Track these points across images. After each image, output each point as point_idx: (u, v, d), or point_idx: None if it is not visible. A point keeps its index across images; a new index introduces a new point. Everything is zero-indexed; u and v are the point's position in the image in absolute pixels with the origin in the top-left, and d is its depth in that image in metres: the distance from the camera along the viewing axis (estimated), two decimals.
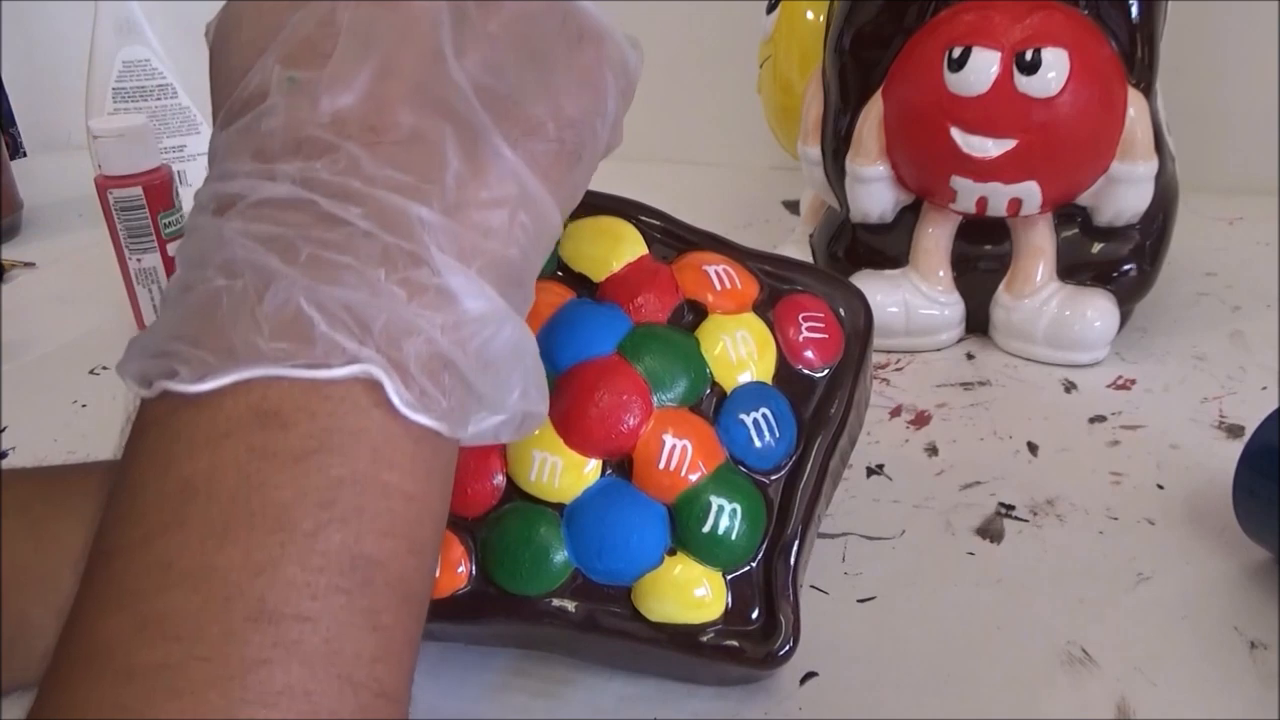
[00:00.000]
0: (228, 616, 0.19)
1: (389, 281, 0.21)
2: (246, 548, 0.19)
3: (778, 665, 0.30)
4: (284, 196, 0.22)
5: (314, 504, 0.20)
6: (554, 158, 0.25)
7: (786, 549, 0.31)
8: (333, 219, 0.21)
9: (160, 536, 0.20)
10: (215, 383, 0.20)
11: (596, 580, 0.31)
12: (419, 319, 0.22)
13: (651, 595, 0.30)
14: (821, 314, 0.34)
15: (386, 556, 0.21)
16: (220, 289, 0.21)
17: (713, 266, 0.33)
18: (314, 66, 0.23)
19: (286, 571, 0.19)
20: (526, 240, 0.24)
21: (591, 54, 0.26)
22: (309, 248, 0.21)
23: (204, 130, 0.77)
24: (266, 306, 0.21)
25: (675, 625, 0.30)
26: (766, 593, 0.31)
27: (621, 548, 0.30)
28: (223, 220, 0.22)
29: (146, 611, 0.19)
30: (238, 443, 0.20)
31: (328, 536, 0.20)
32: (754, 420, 0.31)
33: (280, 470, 0.20)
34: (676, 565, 0.30)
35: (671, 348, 0.32)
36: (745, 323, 0.33)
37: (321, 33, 0.23)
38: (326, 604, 0.20)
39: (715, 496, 0.30)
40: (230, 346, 0.20)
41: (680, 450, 0.30)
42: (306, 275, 0.21)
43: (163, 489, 0.20)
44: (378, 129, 0.22)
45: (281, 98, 0.22)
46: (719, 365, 0.32)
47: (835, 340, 0.34)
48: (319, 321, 0.21)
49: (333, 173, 0.22)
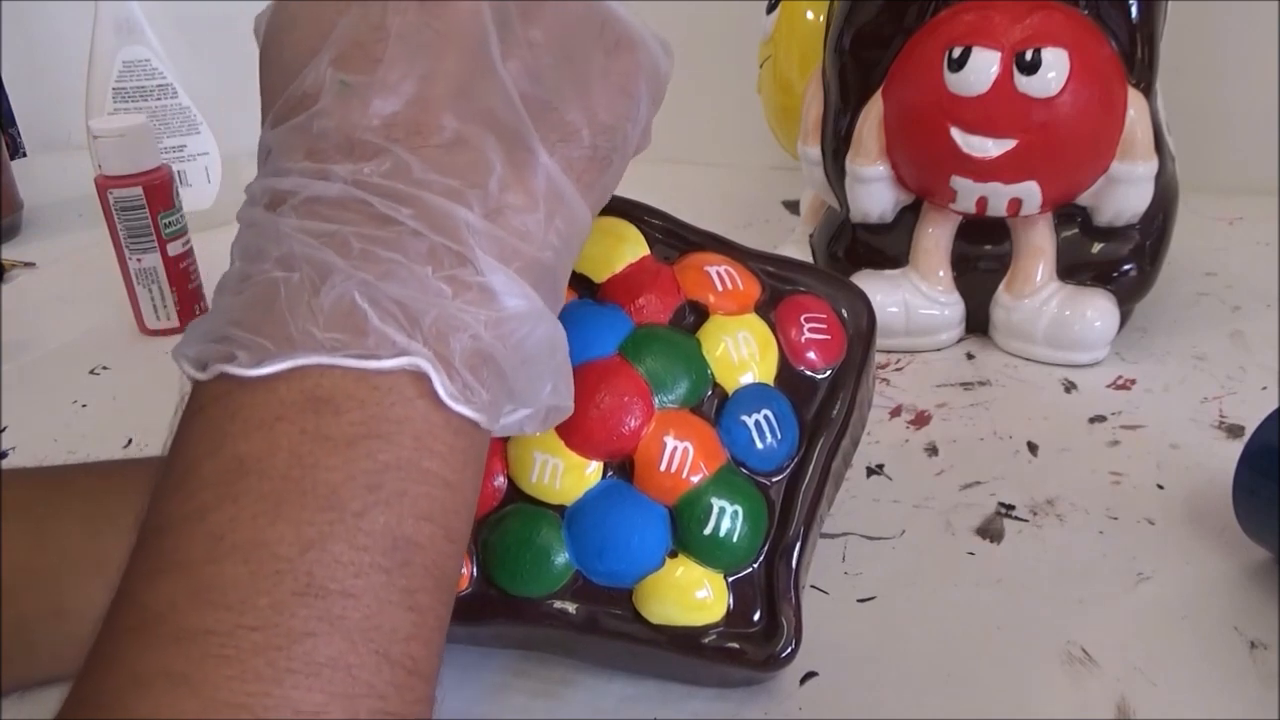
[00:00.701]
0: (277, 589, 0.20)
1: (436, 278, 0.22)
2: (297, 524, 0.20)
3: (779, 667, 0.30)
4: (337, 195, 0.23)
5: (362, 486, 0.21)
6: (588, 162, 0.26)
7: (788, 551, 0.31)
8: (384, 218, 0.22)
9: (213, 510, 0.21)
10: (272, 368, 0.21)
11: (597, 582, 0.31)
12: (464, 315, 0.23)
13: (652, 597, 0.30)
14: (824, 315, 0.34)
15: (425, 540, 0.22)
16: (278, 280, 0.22)
17: (714, 267, 0.33)
18: (365, 71, 0.23)
19: (334, 549, 0.20)
20: (560, 243, 0.25)
21: (627, 60, 0.27)
22: (361, 244, 0.22)
23: (204, 130, 0.77)
24: (323, 299, 0.22)
25: (676, 627, 0.30)
26: (768, 594, 0.30)
27: (622, 549, 0.30)
28: (277, 216, 0.23)
29: (198, 580, 0.20)
30: (291, 425, 0.21)
31: (373, 518, 0.21)
32: (756, 422, 0.31)
33: (331, 453, 0.21)
34: (678, 567, 0.30)
35: (673, 349, 0.32)
36: (747, 324, 0.33)
37: (372, 36, 0.24)
38: (369, 582, 0.21)
39: (717, 498, 0.30)
40: (288, 335, 0.22)
41: (682, 452, 0.30)
42: (360, 270, 0.22)
43: (216, 466, 0.21)
44: (425, 132, 0.23)
45: (333, 100, 0.23)
46: (721, 366, 0.32)
47: (838, 341, 0.33)
48: (372, 315, 0.22)
49: (383, 175, 0.23)
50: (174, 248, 0.59)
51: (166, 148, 0.76)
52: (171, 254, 0.59)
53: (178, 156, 0.76)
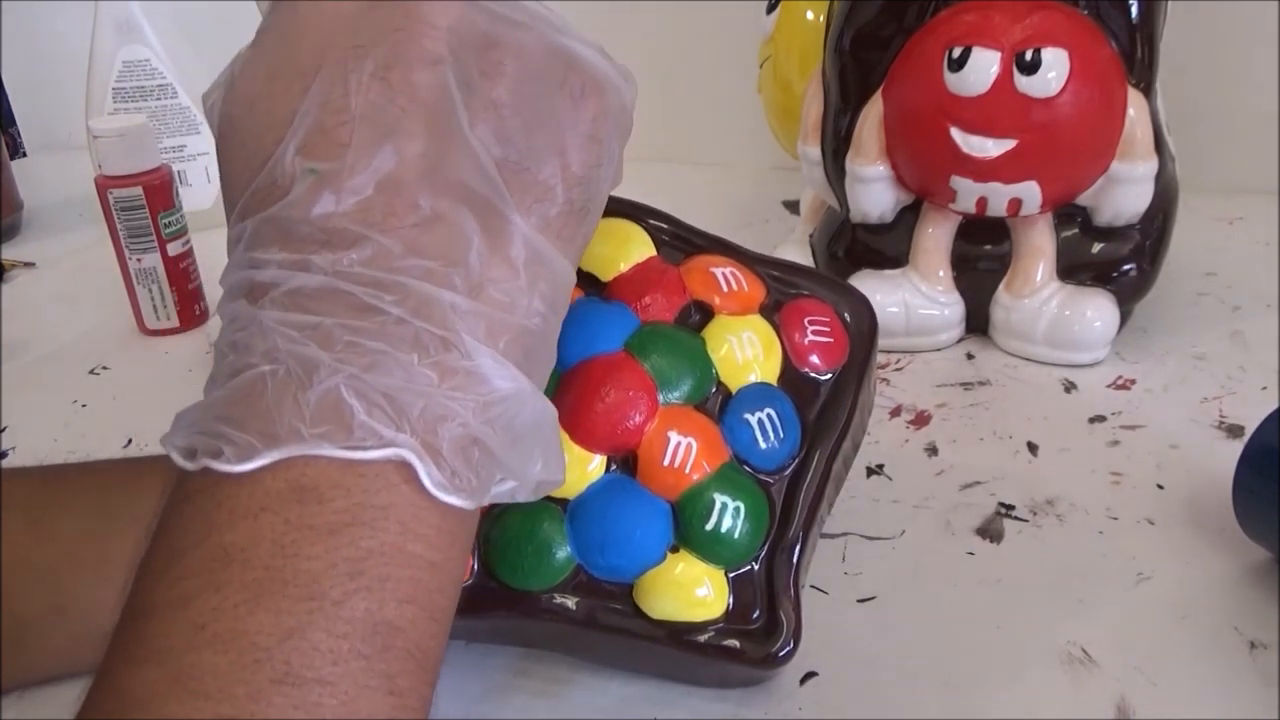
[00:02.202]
0: (255, 678, 0.20)
1: (422, 365, 0.22)
2: (277, 613, 0.20)
3: (778, 666, 0.30)
4: (318, 286, 0.23)
5: (343, 574, 0.21)
6: (565, 217, 0.26)
7: (789, 549, 0.31)
8: (367, 308, 0.22)
9: (196, 599, 0.21)
10: (257, 463, 0.22)
11: (598, 576, 0.31)
12: (453, 403, 0.23)
13: (653, 593, 0.30)
14: (827, 318, 0.34)
15: (407, 623, 0.22)
16: (265, 375, 0.22)
17: (720, 269, 0.34)
18: (332, 157, 0.23)
19: (312, 637, 0.20)
20: (546, 306, 0.25)
21: (594, 106, 0.26)
22: (346, 335, 0.22)
23: (204, 130, 0.77)
24: (309, 395, 0.22)
25: (676, 623, 0.30)
26: (768, 593, 0.31)
27: (624, 544, 0.30)
28: (259, 309, 0.23)
29: (177, 669, 0.20)
30: (275, 516, 0.21)
31: (353, 605, 0.21)
32: (759, 420, 0.31)
33: (314, 542, 0.21)
34: (679, 563, 0.30)
35: (678, 346, 0.32)
36: (751, 324, 0.33)
37: (335, 120, 0.23)
38: (347, 669, 0.21)
39: (719, 495, 0.30)
40: (274, 431, 0.22)
41: (685, 448, 0.30)
42: (346, 363, 0.22)
43: (200, 555, 0.21)
44: (400, 214, 0.23)
45: (304, 190, 0.23)
46: (725, 365, 0.32)
47: (840, 345, 0.34)
48: (358, 410, 0.22)
49: (364, 263, 0.23)
50: (174, 248, 0.59)
51: (166, 148, 0.76)
52: (171, 254, 0.59)
53: (178, 156, 0.76)
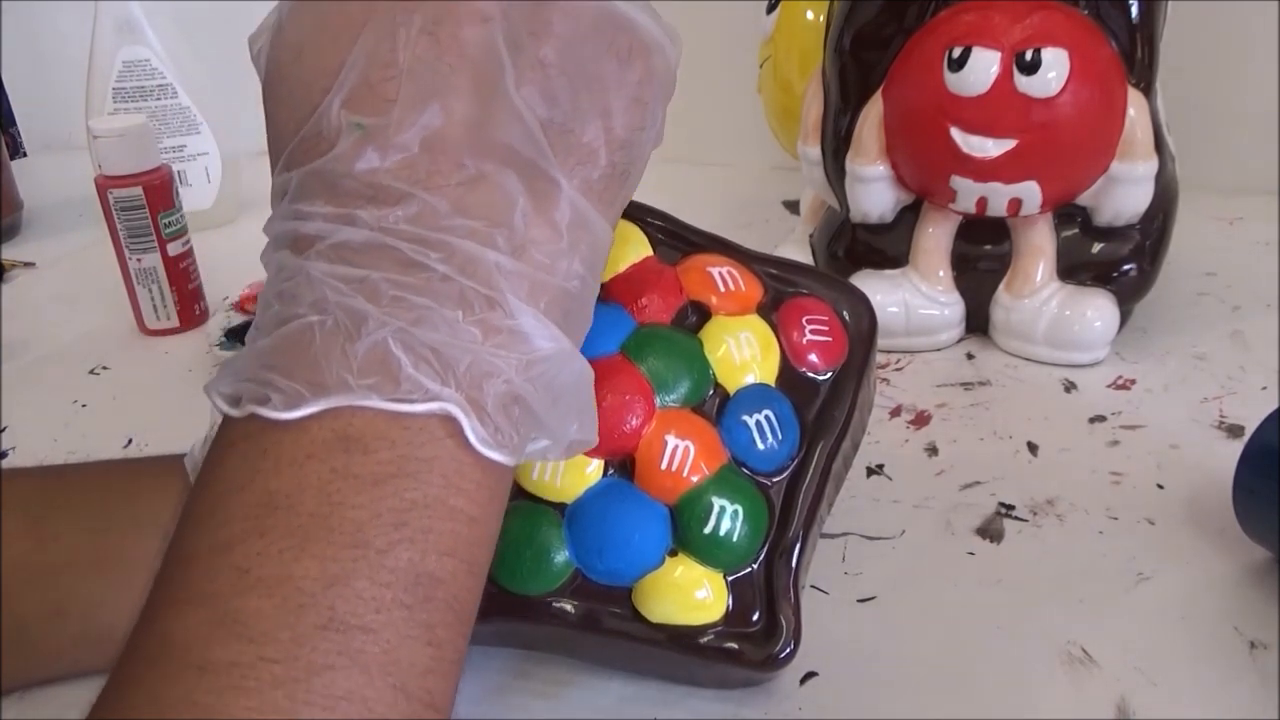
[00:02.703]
0: (299, 623, 0.20)
1: (466, 322, 0.23)
2: (322, 560, 0.21)
3: (778, 668, 0.30)
4: (364, 241, 0.23)
5: (388, 524, 0.21)
6: (606, 180, 0.26)
7: (788, 551, 0.31)
8: (413, 263, 0.23)
9: (240, 544, 0.21)
10: (305, 410, 0.22)
11: (597, 580, 0.31)
12: (497, 359, 0.23)
13: (652, 596, 0.30)
14: (825, 317, 0.34)
15: (447, 575, 0.22)
16: (313, 324, 0.22)
17: (717, 269, 0.33)
18: (379, 112, 0.23)
19: (356, 585, 0.21)
20: (585, 269, 0.25)
21: (641, 69, 0.26)
22: (393, 290, 0.22)
23: (204, 130, 0.77)
24: (358, 346, 0.22)
25: (675, 626, 0.30)
26: (768, 595, 0.30)
27: (622, 548, 0.30)
28: (306, 260, 0.23)
29: (222, 612, 0.20)
30: (321, 464, 0.22)
31: (397, 554, 0.21)
32: (757, 422, 0.31)
33: (359, 491, 0.21)
34: (677, 566, 0.30)
35: (675, 348, 0.32)
36: (749, 324, 0.33)
37: (382, 75, 0.23)
38: (389, 617, 0.21)
39: (717, 498, 0.30)
40: (322, 380, 0.22)
41: (682, 451, 0.30)
42: (393, 317, 0.22)
43: (245, 500, 0.22)
44: (445, 172, 0.23)
45: (350, 144, 0.23)
46: (722, 366, 0.32)
47: (839, 344, 0.34)
48: (406, 363, 0.22)
49: (409, 220, 0.23)
50: (174, 248, 0.59)
51: (166, 148, 0.76)
52: (171, 254, 0.59)
53: (178, 156, 0.76)
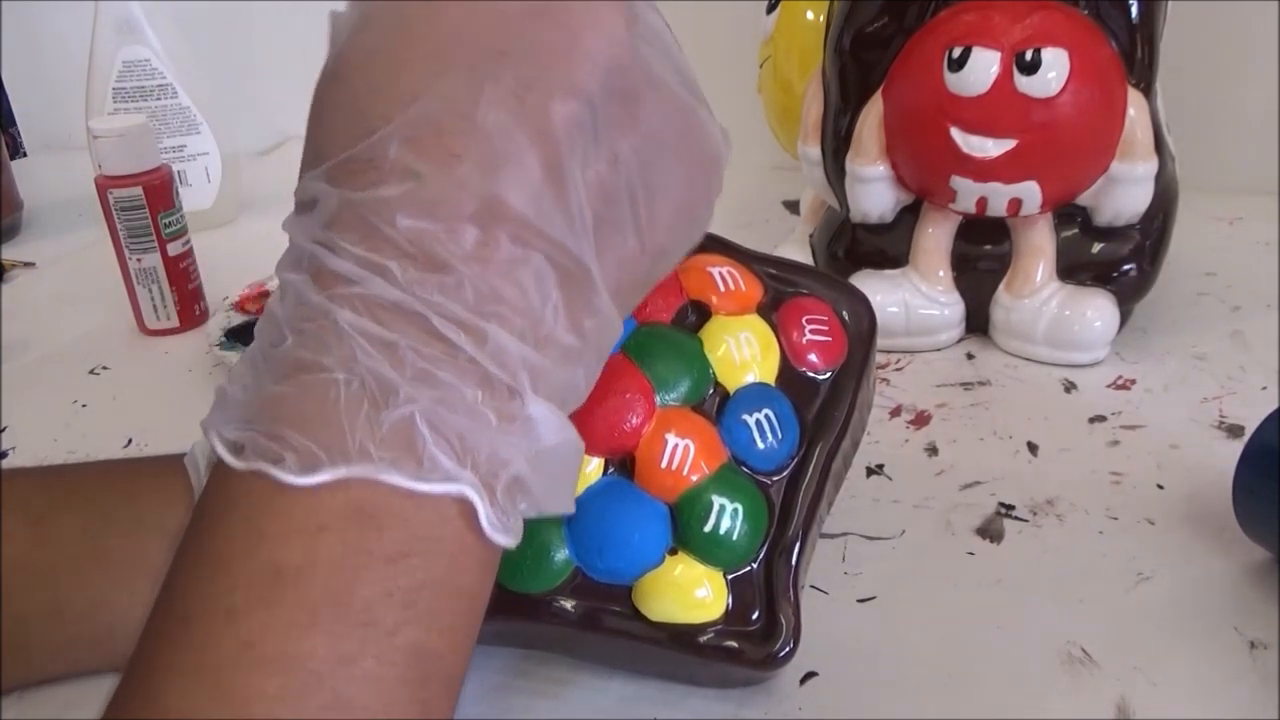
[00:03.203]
0: (303, 705, 0.20)
1: (484, 405, 0.22)
2: (330, 638, 0.20)
3: (778, 667, 0.30)
4: (395, 301, 0.22)
5: (398, 604, 0.21)
6: (635, 284, 0.26)
7: (788, 550, 0.31)
8: (441, 337, 0.22)
9: (244, 615, 0.21)
10: (321, 478, 0.21)
11: (597, 579, 0.31)
12: (512, 449, 0.23)
13: (652, 595, 0.30)
14: (825, 317, 0.34)
15: (446, 650, 0.22)
16: (338, 382, 0.22)
17: (717, 268, 0.34)
18: (442, 164, 0.22)
19: (364, 665, 0.21)
20: (595, 365, 0.25)
21: (702, 184, 0.26)
22: (419, 362, 0.22)
23: (204, 130, 0.77)
24: (384, 417, 0.22)
25: (675, 625, 0.30)
26: (767, 594, 0.30)
27: (622, 546, 0.30)
28: (331, 302, 0.22)
29: (226, 690, 0.20)
30: (334, 537, 0.21)
31: (404, 634, 0.21)
32: (757, 421, 0.31)
33: (371, 569, 0.21)
34: (677, 565, 0.30)
35: (675, 348, 0.32)
36: (749, 324, 0.33)
37: (456, 125, 0.22)
38: (392, 697, 0.21)
39: (717, 496, 0.30)
40: (344, 447, 0.21)
41: (683, 450, 0.30)
42: (418, 390, 0.22)
43: (251, 567, 0.21)
44: (489, 247, 0.22)
45: (402, 191, 0.22)
46: (722, 366, 0.32)
47: (839, 343, 0.34)
48: (429, 441, 0.22)
49: (443, 291, 0.22)
50: (174, 248, 0.59)
51: (166, 148, 0.76)
52: (171, 254, 0.59)
53: (178, 156, 0.76)
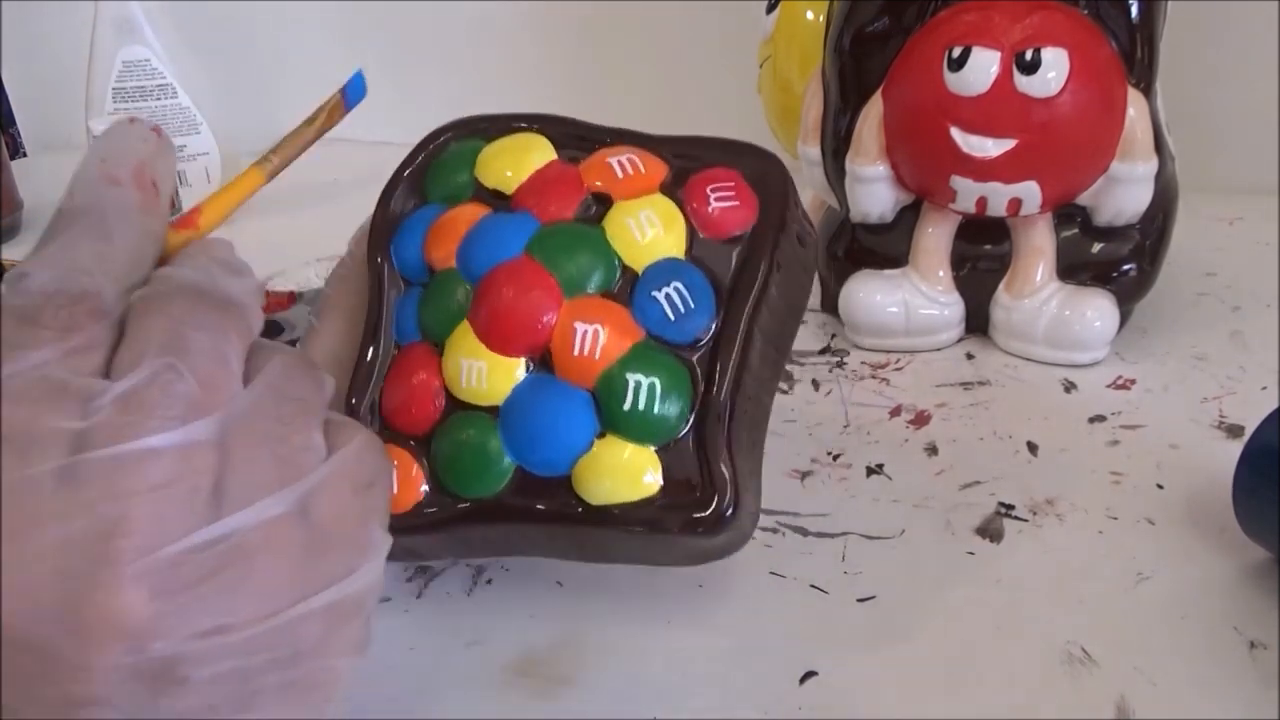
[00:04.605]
0: None
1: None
2: None
3: (722, 529, 0.30)
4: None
5: None
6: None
7: (719, 415, 0.31)
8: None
9: None
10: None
11: (538, 473, 0.31)
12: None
13: (589, 479, 0.31)
14: (732, 183, 0.33)
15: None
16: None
17: (616, 157, 0.34)
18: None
19: None
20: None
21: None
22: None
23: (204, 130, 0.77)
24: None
25: (617, 505, 0.31)
26: (703, 461, 0.31)
27: (551, 437, 0.31)
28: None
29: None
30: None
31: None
32: (666, 295, 0.32)
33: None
34: (608, 447, 0.31)
35: (576, 240, 0.33)
36: (651, 203, 0.33)
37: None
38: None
39: (632, 374, 0.31)
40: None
41: (592, 335, 0.31)
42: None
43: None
44: None
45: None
46: (626, 248, 0.32)
47: (748, 206, 0.33)
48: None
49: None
50: None
51: None
52: None
53: (178, 156, 0.76)
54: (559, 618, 0.36)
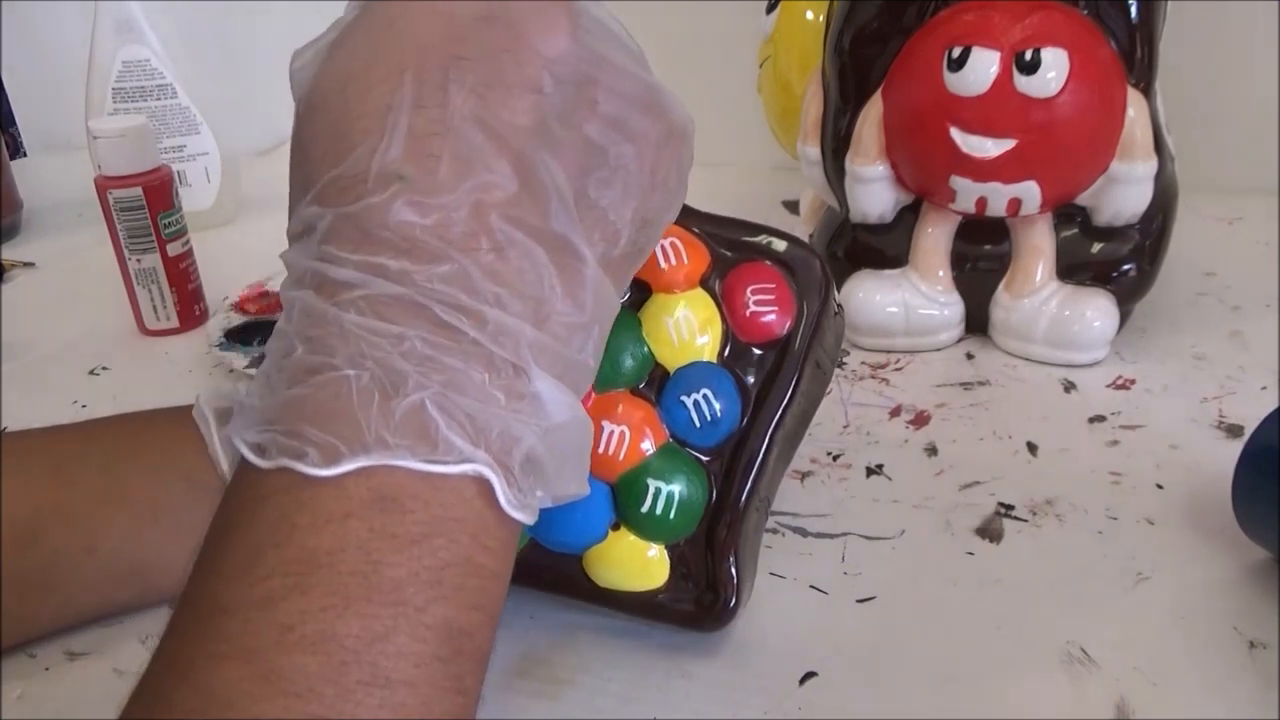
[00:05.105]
0: (343, 679, 0.21)
1: (492, 386, 0.24)
2: (364, 617, 0.21)
3: (722, 623, 0.32)
4: (396, 295, 0.23)
5: (425, 582, 0.22)
6: (624, 258, 0.27)
7: (728, 521, 0.32)
8: (445, 325, 0.23)
9: (281, 600, 0.21)
10: (344, 468, 0.22)
11: (552, 550, 0.33)
12: (522, 426, 0.24)
13: (599, 564, 0.33)
14: (773, 284, 0.33)
15: (475, 628, 0.23)
16: (349, 378, 0.23)
17: (660, 242, 0.34)
18: (422, 166, 0.24)
19: (398, 641, 0.22)
20: (597, 344, 0.26)
21: (672, 155, 0.27)
22: (426, 349, 0.23)
23: (204, 130, 0.77)
24: (396, 405, 0.23)
25: (622, 591, 0.33)
26: (710, 560, 0.32)
27: (568, 523, 0.32)
28: (337, 308, 0.23)
29: (266, 669, 0.21)
30: (360, 523, 0.22)
31: (433, 611, 0.22)
32: (694, 402, 0.32)
33: (397, 551, 0.22)
34: (621, 539, 0.32)
35: (614, 330, 0.32)
36: (690, 301, 0.33)
37: (428, 127, 0.24)
38: (426, 671, 0.22)
39: (653, 480, 0.32)
40: (361, 438, 0.22)
41: (618, 436, 0.32)
42: (427, 377, 0.23)
43: (284, 556, 0.22)
44: (480, 236, 0.24)
45: (388, 195, 0.24)
46: (661, 347, 0.33)
47: (785, 313, 0.33)
48: (441, 425, 0.23)
49: (443, 280, 0.23)
50: (174, 248, 0.59)
51: (166, 148, 0.76)
52: (171, 254, 0.59)
53: (178, 156, 0.76)
54: (559, 619, 0.36)
